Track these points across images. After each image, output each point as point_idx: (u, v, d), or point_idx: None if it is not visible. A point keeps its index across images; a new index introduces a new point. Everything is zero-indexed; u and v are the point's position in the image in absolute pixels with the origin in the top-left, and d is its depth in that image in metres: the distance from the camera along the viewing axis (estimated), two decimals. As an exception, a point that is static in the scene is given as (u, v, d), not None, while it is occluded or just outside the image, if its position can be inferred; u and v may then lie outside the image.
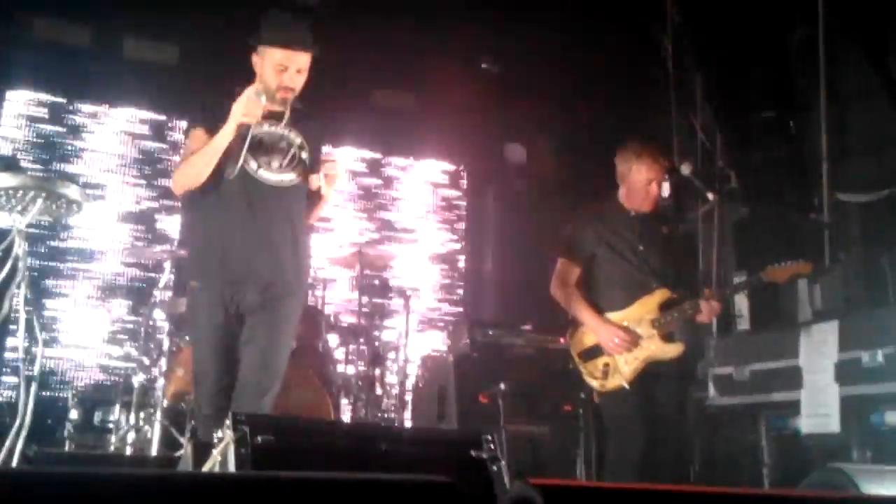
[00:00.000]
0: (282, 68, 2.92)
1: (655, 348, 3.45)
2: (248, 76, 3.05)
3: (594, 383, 3.53)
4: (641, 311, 3.48)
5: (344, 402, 4.40)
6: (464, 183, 7.43)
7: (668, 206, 5.90)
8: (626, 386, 3.42)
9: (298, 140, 2.98)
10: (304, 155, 2.97)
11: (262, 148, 2.92)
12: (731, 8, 5.84)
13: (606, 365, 3.47)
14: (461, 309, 7.07)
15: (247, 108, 2.79)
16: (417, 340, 6.06)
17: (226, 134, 2.82)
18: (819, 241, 4.88)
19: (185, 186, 2.93)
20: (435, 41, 6.37)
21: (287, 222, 2.94)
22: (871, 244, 4.30)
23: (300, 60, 2.94)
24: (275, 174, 2.91)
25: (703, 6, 5.96)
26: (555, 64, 6.78)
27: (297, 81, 2.95)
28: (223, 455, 2.26)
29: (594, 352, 3.52)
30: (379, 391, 4.75)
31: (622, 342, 3.40)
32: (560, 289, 3.60)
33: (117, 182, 6.22)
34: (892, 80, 4.86)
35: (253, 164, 2.90)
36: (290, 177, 2.93)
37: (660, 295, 3.49)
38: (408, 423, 5.10)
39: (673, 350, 3.49)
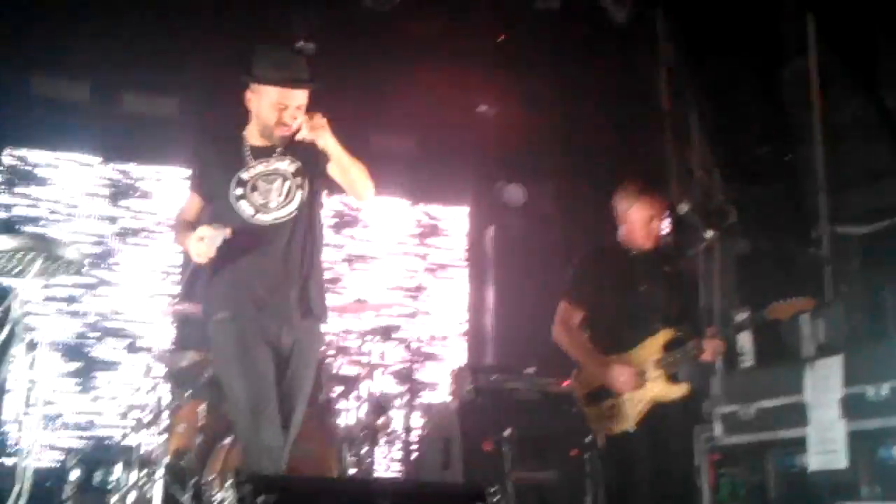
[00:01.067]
0: (281, 107, 2.85)
1: (661, 389, 3.43)
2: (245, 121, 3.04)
3: (600, 427, 3.50)
4: (646, 353, 3.47)
5: (347, 454, 4.36)
6: (464, 226, 7.45)
7: (669, 243, 5.92)
8: (633, 428, 3.39)
9: (292, 168, 2.91)
10: (300, 180, 2.90)
11: (257, 191, 2.87)
12: (723, 44, 5.92)
13: (612, 408, 3.45)
14: (464, 354, 7.04)
15: (198, 249, 2.75)
16: (420, 388, 6.02)
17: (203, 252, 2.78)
18: (820, 275, 4.87)
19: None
20: (432, 85, 6.44)
21: (296, 257, 2.86)
22: (871, 276, 4.29)
23: (300, 97, 2.86)
24: (272, 213, 2.86)
25: (695, 43, 6.04)
26: (551, 105, 6.86)
27: (297, 118, 2.85)
28: (224, 516, 2.25)
29: (599, 395, 3.49)
30: (383, 442, 4.71)
31: (628, 380, 3.38)
32: (562, 332, 3.59)
33: (118, 237, 6.24)
34: (886, 111, 4.89)
35: (249, 211, 2.86)
36: (288, 210, 2.86)
37: (664, 335, 3.48)
38: (413, 474, 5.04)
39: (678, 391, 3.47)
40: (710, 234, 3.83)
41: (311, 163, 2.90)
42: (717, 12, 5.94)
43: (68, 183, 6.16)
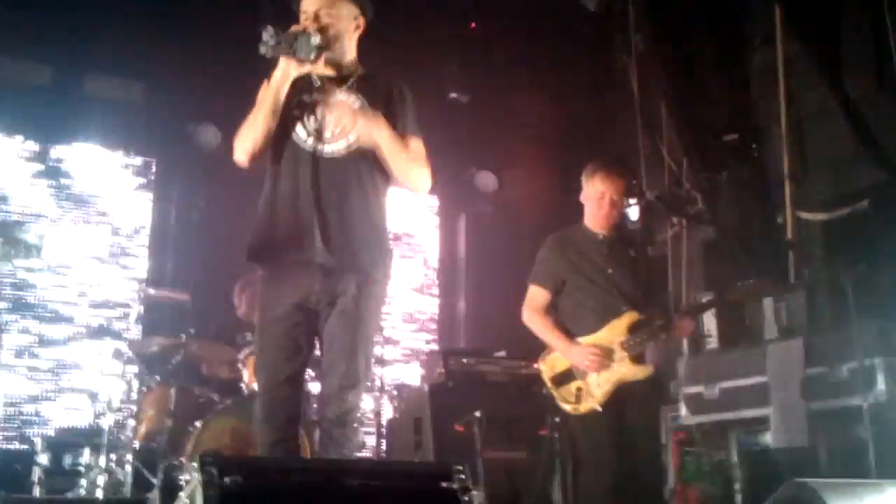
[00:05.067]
0: (304, 15, 2.71)
1: (626, 370, 3.48)
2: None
3: (567, 407, 3.55)
4: (612, 335, 3.51)
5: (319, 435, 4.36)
6: (435, 212, 7.47)
7: (637, 229, 6.00)
8: (599, 409, 3.45)
9: (358, 104, 2.70)
10: (363, 119, 2.66)
11: (315, 116, 2.66)
12: (691, 35, 5.99)
13: (579, 389, 3.50)
14: (435, 337, 7.08)
15: (296, 47, 2.54)
16: (392, 370, 6.04)
17: (274, 81, 2.58)
18: (784, 260, 4.97)
19: (242, 150, 2.65)
20: (404, 71, 6.41)
21: (346, 195, 2.63)
22: (832, 261, 4.39)
23: (313, 2, 2.72)
24: (327, 144, 2.65)
25: (665, 33, 6.10)
26: (523, 92, 6.88)
27: (320, 20, 2.68)
28: (191, 498, 2.25)
29: (566, 376, 3.54)
30: (355, 424, 4.72)
31: (594, 361, 3.43)
32: (531, 315, 3.65)
33: (82, 220, 6.18)
34: (848, 100, 4.99)
35: (302, 135, 2.66)
36: (342, 144, 2.65)
37: (629, 318, 3.53)
38: (384, 455, 5.07)
39: (643, 371, 3.53)
40: (675, 221, 3.87)
41: (377, 102, 2.72)
42: (687, 2, 6.01)
43: (19, 166, 6.05)
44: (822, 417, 3.56)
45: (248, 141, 2.67)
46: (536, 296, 3.66)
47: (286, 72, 2.62)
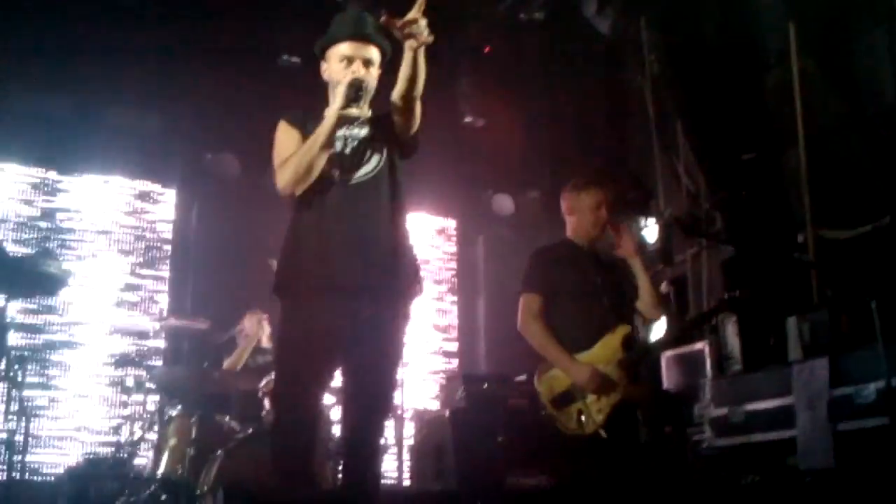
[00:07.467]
0: (347, 60, 2.76)
1: (626, 390, 3.29)
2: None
3: (568, 432, 3.34)
4: (607, 352, 3.34)
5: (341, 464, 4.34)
6: (454, 236, 7.48)
7: (657, 250, 5.97)
8: (604, 434, 3.25)
9: (369, 135, 2.78)
10: (378, 145, 2.76)
11: (338, 153, 2.74)
12: (706, 54, 5.99)
13: (580, 412, 3.30)
14: (455, 362, 7.06)
15: (345, 95, 2.64)
16: (412, 397, 6.02)
17: (328, 125, 2.66)
18: (806, 279, 4.92)
19: (292, 183, 2.68)
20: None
21: (368, 219, 2.68)
22: (856, 279, 4.33)
23: (365, 52, 2.77)
24: (349, 172, 2.72)
25: (679, 54, 6.10)
26: (538, 115, 6.91)
27: (366, 74, 2.75)
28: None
29: (566, 398, 3.35)
30: (377, 451, 4.69)
31: (600, 384, 3.27)
32: (531, 323, 3.45)
33: (105, 251, 6.24)
34: (866, 117, 4.96)
35: (326, 165, 2.73)
36: (364, 171, 2.72)
37: (622, 332, 3.36)
38: (406, 483, 5.04)
39: (642, 390, 3.38)
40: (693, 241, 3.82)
41: (387, 132, 2.78)
42: (701, 22, 6.02)
43: (40, 196, 6.12)
44: (848, 438, 3.50)
45: (293, 177, 2.69)
46: (532, 303, 3.46)
47: (339, 117, 2.69)
